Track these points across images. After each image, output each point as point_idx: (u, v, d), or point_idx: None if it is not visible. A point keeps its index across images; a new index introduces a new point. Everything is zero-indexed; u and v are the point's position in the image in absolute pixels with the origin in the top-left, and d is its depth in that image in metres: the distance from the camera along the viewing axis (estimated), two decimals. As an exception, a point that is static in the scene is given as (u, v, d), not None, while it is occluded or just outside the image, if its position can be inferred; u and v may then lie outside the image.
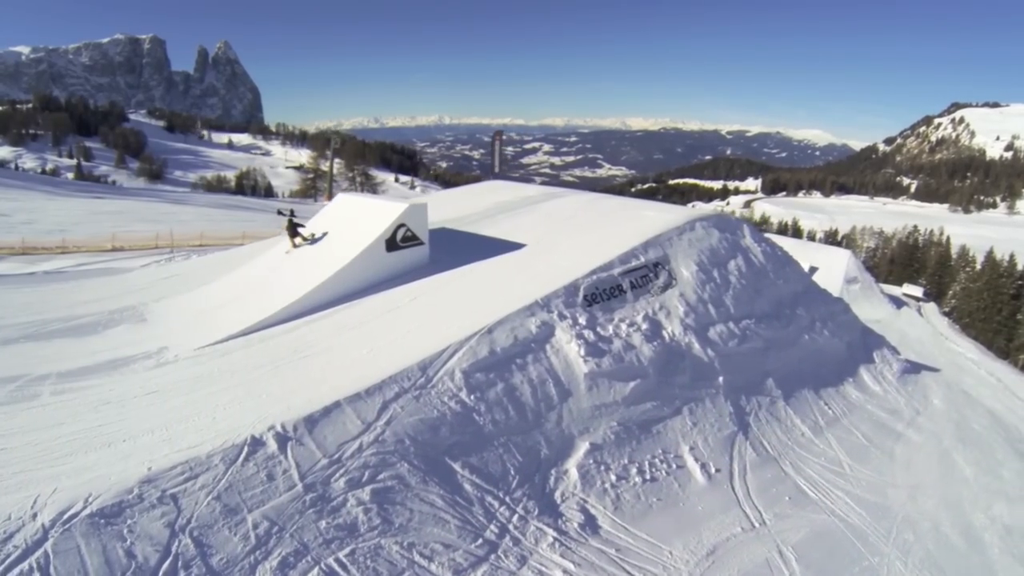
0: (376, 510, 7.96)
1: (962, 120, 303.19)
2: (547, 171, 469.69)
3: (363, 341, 11.83)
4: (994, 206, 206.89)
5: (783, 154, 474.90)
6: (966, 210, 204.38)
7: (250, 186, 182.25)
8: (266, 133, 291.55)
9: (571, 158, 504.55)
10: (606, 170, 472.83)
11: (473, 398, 10.36)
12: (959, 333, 60.12)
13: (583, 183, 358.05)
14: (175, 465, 7.52)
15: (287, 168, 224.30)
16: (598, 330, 12.87)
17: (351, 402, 9.25)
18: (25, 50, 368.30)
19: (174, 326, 13.47)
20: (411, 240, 15.35)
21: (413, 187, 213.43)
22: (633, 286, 14.52)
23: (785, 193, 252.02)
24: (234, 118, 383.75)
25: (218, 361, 11.35)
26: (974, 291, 66.37)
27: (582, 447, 10.95)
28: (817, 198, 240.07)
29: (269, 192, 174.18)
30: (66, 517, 6.58)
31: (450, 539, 8.18)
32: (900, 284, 77.69)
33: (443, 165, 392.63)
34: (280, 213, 18.26)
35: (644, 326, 13.50)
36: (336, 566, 7.15)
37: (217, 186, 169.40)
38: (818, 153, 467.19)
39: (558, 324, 12.53)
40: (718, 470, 11.85)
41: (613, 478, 10.75)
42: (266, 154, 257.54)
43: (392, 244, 14.99)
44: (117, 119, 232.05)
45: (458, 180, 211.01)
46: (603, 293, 13.87)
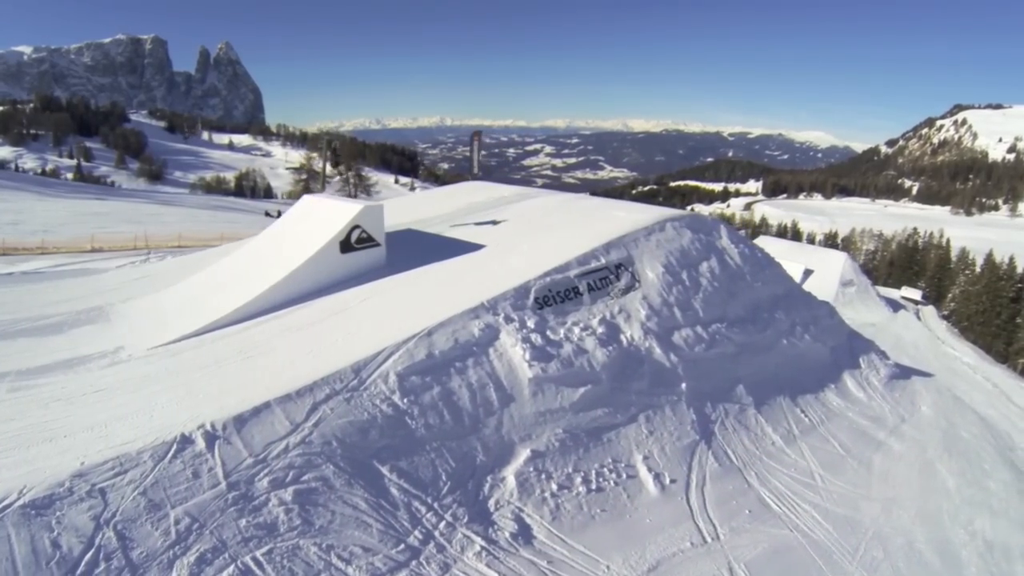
0: (297, 511, 7.91)
1: (964, 122, 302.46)
2: (548, 173, 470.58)
3: (306, 342, 11.58)
4: (996, 208, 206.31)
5: (785, 156, 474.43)
6: (968, 212, 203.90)
7: (249, 187, 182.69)
8: (267, 134, 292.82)
9: (573, 160, 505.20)
10: (608, 172, 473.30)
11: (406, 401, 9.98)
12: (957, 337, 59.50)
13: (584, 185, 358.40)
14: (106, 460, 7.60)
15: (287, 169, 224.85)
16: (547, 334, 12.28)
17: (281, 403, 9.05)
18: (27, 50, 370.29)
19: (134, 326, 13.28)
20: (367, 242, 14.95)
21: (413, 188, 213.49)
22: (591, 288, 13.86)
23: (786, 195, 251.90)
24: (235, 119, 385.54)
25: (167, 361, 11.20)
26: (973, 294, 65.83)
27: (522, 454, 10.47)
28: (818, 200, 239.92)
29: (268, 193, 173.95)
30: (0, 507, 6.75)
31: (371, 543, 8.00)
32: (899, 287, 77.07)
33: (445, 166, 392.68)
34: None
35: (600, 330, 12.86)
36: (252, 564, 7.17)
37: (216, 187, 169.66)
38: (820, 155, 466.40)
39: (503, 327, 12.02)
40: (673, 481, 11.20)
41: (554, 487, 10.21)
42: (266, 155, 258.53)
43: (347, 246, 14.60)
44: (118, 119, 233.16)
45: (458, 181, 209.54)
46: (556, 296, 13.25)
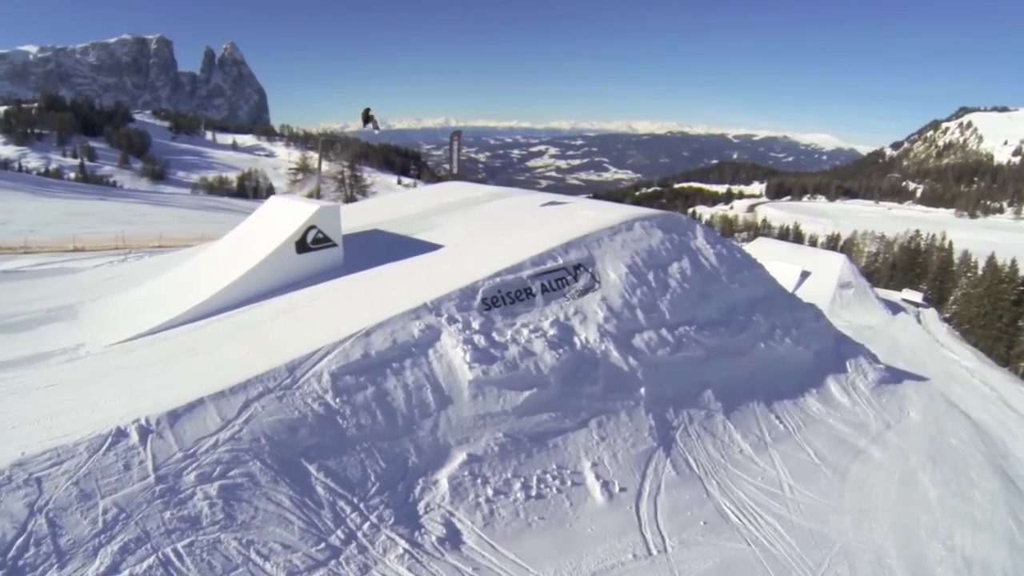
0: (221, 505, 7.98)
1: (970, 124, 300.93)
2: (553, 174, 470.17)
3: (251, 341, 11.43)
4: (1001, 211, 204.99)
5: (790, 158, 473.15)
6: (972, 215, 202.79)
7: (252, 187, 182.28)
8: (270, 134, 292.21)
9: (577, 161, 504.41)
10: (612, 173, 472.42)
11: (339, 401, 9.80)
12: (958, 340, 58.61)
13: (589, 187, 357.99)
14: (45, 451, 7.82)
15: (290, 170, 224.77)
16: (493, 335, 11.85)
17: (214, 399, 9.17)
18: (33, 49, 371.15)
19: (98, 324, 13.35)
20: (323, 242, 14.67)
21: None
22: (545, 289, 13.46)
23: (790, 197, 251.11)
24: (240, 119, 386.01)
25: (121, 358, 11.18)
26: (974, 297, 65.04)
27: (458, 458, 10.13)
28: (822, 202, 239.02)
29: (271, 193, 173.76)
30: (-58, 492, 7.16)
31: (291, 540, 8.05)
32: (901, 289, 76.32)
33: (447, 167, 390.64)
34: None
35: (551, 332, 12.40)
36: (173, 556, 7.28)
37: (218, 187, 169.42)
38: (825, 157, 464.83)
39: (445, 328, 11.64)
40: (623, 489, 10.72)
41: (490, 492, 9.84)
42: (270, 155, 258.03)
43: (303, 246, 14.34)
44: (122, 119, 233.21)
45: (464, 182, 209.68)
46: (506, 296, 12.82)
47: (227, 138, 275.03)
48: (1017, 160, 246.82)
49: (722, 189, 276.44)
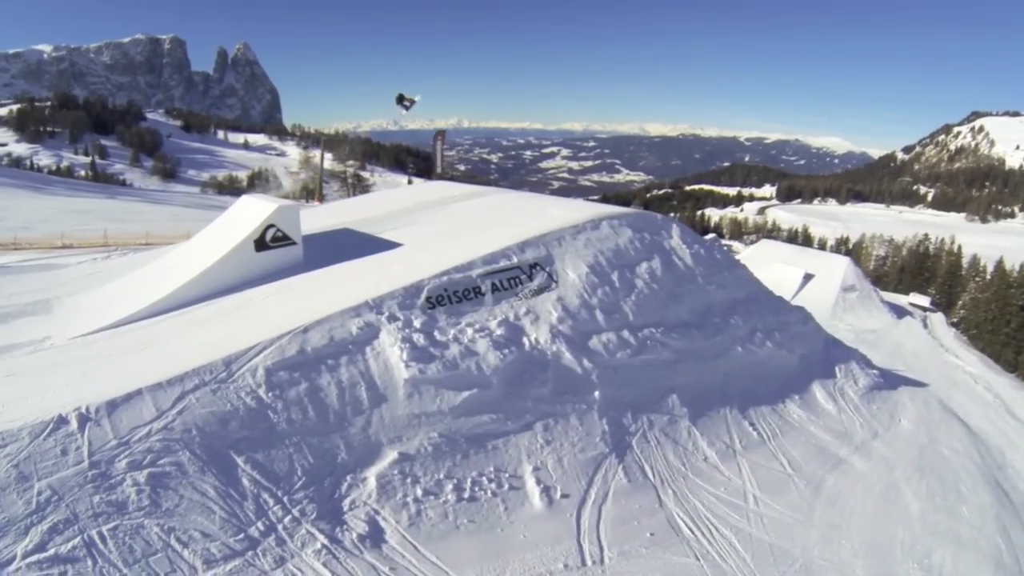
0: (148, 492, 8.18)
1: (982, 129, 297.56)
2: (565, 176, 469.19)
3: (200, 336, 11.65)
4: (1012, 216, 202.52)
5: (801, 161, 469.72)
6: (983, 219, 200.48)
7: (262, 186, 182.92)
8: (282, 134, 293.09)
9: (589, 163, 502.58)
10: (624, 175, 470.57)
11: (271, 396, 9.93)
12: (965, 345, 57.57)
13: (601, 188, 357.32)
14: None
15: (290, 171, 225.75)
16: (435, 334, 11.60)
17: (152, 390, 9.38)
18: (47, 48, 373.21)
19: (68, 318, 13.80)
20: (282, 240, 14.68)
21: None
22: (495, 288, 13.20)
23: (800, 200, 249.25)
24: (253, 119, 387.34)
25: (80, 350, 11.54)
26: (982, 301, 63.78)
27: (389, 456, 9.98)
28: (832, 205, 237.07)
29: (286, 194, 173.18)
30: None
31: (211, 529, 8.16)
32: (909, 293, 75.24)
33: (461, 168, 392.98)
34: None
35: (498, 332, 12.08)
36: (97, 538, 7.52)
37: (228, 186, 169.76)
38: (836, 161, 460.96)
39: (385, 326, 11.47)
40: (565, 495, 10.31)
41: (419, 492, 9.66)
42: (281, 154, 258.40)
43: (261, 244, 14.39)
44: (134, 118, 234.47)
45: (474, 183, 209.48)
46: (452, 295, 12.58)
47: (239, 137, 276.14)
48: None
49: (733, 191, 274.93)
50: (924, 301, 70.04)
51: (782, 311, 19.48)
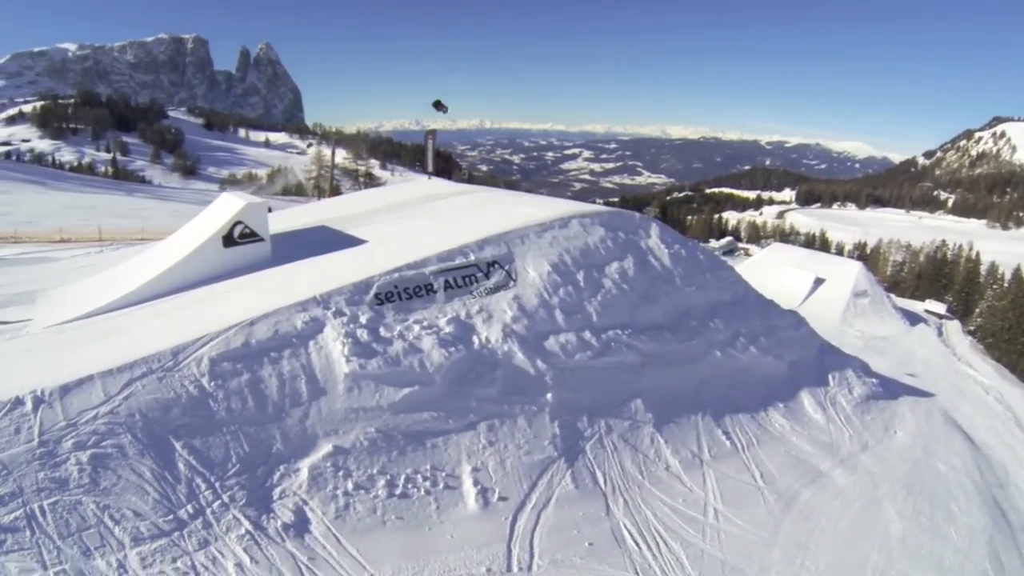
0: (89, 471, 8.62)
1: (1003, 134, 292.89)
2: (587, 177, 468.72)
3: (158, 326, 11.91)
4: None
5: (822, 166, 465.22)
6: (1004, 226, 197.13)
7: (281, 183, 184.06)
8: (303, 132, 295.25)
9: (611, 165, 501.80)
10: (645, 178, 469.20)
11: (213, 385, 10.22)
12: (980, 354, 56.07)
13: (622, 190, 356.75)
14: None
15: (306, 171, 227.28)
16: (380, 331, 11.50)
17: (102, 376, 9.77)
18: (72, 47, 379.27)
19: (49, 308, 14.24)
20: (250, 237, 14.78)
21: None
22: (448, 286, 13.03)
23: (820, 204, 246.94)
24: (275, 117, 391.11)
25: (53, 338, 12.01)
26: (999, 310, 62.34)
27: (323, 449, 10.07)
28: (852, 210, 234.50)
29: (299, 190, 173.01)
30: None
31: (143, 509, 8.52)
32: (925, 300, 73.74)
33: (483, 168, 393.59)
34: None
35: (447, 329, 11.87)
36: (38, 511, 8.02)
37: (247, 183, 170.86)
38: (858, 165, 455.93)
39: (330, 321, 11.53)
40: (503, 498, 10.05)
41: (350, 485, 9.70)
42: (302, 153, 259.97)
43: (229, 240, 14.57)
44: (156, 116, 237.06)
45: (495, 183, 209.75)
46: (403, 292, 12.43)
47: (260, 135, 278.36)
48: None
49: (753, 195, 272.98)
50: (940, 308, 68.39)
51: (771, 315, 18.90)
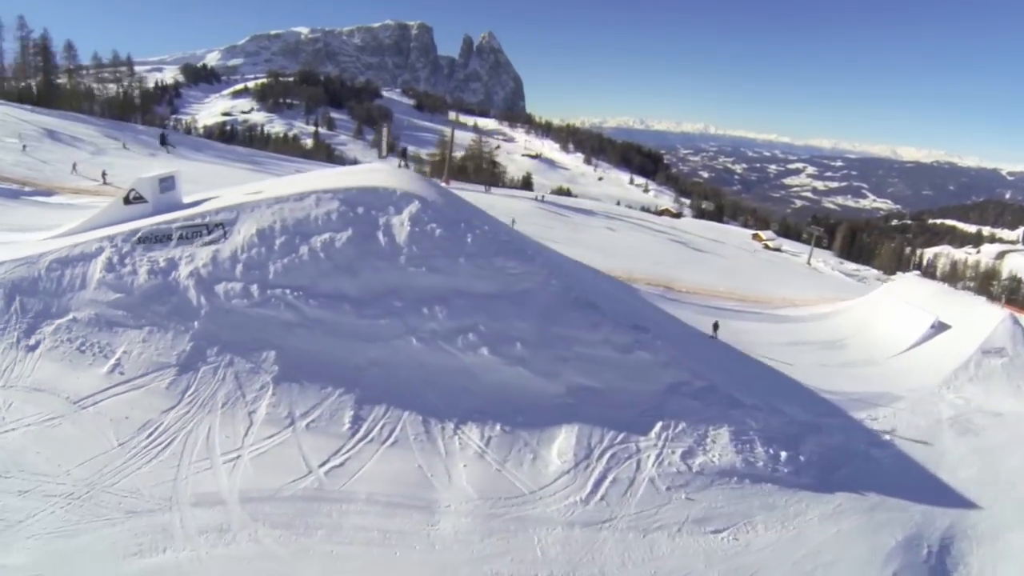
0: None
1: None
2: (808, 195, 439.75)
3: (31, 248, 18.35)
4: None
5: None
6: None
7: (474, 167, 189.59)
8: (512, 120, 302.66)
9: (835, 184, 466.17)
10: (870, 201, 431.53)
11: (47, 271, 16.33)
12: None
13: (844, 212, 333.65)
14: None
15: (523, 156, 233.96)
16: (126, 259, 16.45)
17: None
18: (304, 30, 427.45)
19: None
20: (138, 199, 19.77)
21: (647, 190, 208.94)
22: (181, 237, 16.74)
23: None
24: (496, 105, 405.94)
25: None
26: None
27: (69, 316, 15.48)
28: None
29: (494, 176, 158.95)
30: None
31: None
32: None
33: (704, 175, 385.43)
34: None
35: (161, 263, 16.24)
36: None
37: (418, 162, 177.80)
38: None
39: (107, 249, 16.68)
40: (142, 375, 14.46)
41: (77, 342, 15.09)
42: (509, 140, 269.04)
43: (127, 201, 19.72)
44: (370, 95, 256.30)
45: (712, 194, 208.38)
46: (153, 236, 16.92)
47: (471, 120, 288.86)
48: None
49: (973, 229, 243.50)
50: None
51: (587, 327, 17.14)
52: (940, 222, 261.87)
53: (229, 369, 14.16)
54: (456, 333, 15.98)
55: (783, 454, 15.96)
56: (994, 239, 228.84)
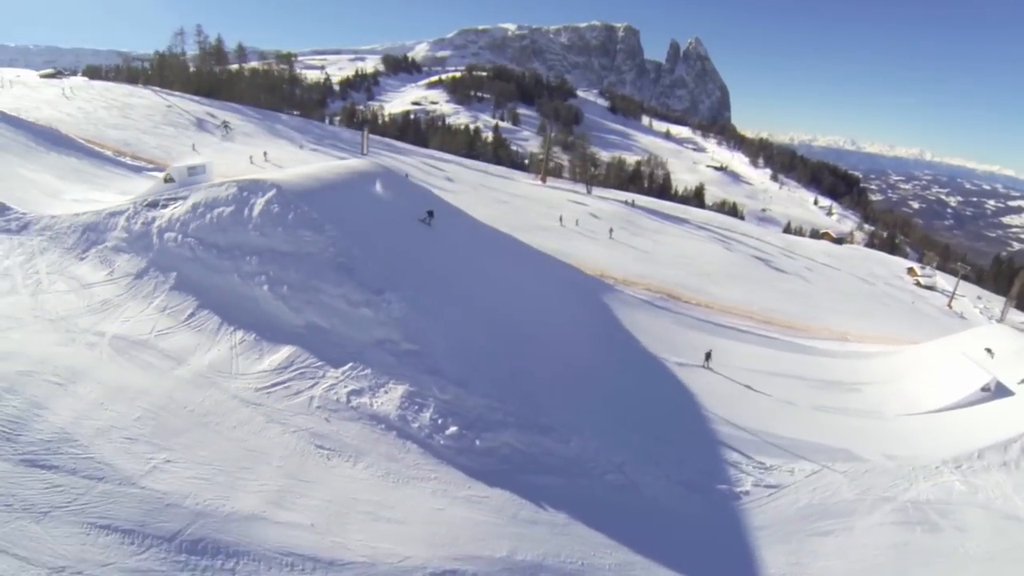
0: None
1: None
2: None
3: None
4: None
5: None
6: None
7: (646, 174, 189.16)
8: (706, 130, 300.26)
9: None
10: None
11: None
12: None
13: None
14: None
15: (708, 167, 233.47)
16: (137, 215, 26.69)
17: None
18: (511, 27, 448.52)
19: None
20: (170, 180, 33.26)
21: (830, 213, 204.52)
22: (163, 205, 26.73)
23: None
24: (701, 113, 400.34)
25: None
26: None
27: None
28: None
29: (665, 186, 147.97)
30: None
31: None
32: None
33: (914, 205, 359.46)
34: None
35: (148, 218, 26.24)
36: None
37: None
38: None
39: (130, 208, 27.25)
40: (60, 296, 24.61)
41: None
42: (698, 150, 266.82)
43: (165, 180, 32.74)
44: (564, 95, 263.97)
45: (901, 224, 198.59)
46: (152, 203, 27.00)
47: (664, 126, 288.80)
48: None
49: None
50: None
51: (333, 283, 23.51)
52: None
53: (156, 279, 23.97)
54: (258, 274, 23.61)
55: (452, 429, 19.43)
56: None
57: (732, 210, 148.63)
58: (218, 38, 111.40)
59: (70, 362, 19.53)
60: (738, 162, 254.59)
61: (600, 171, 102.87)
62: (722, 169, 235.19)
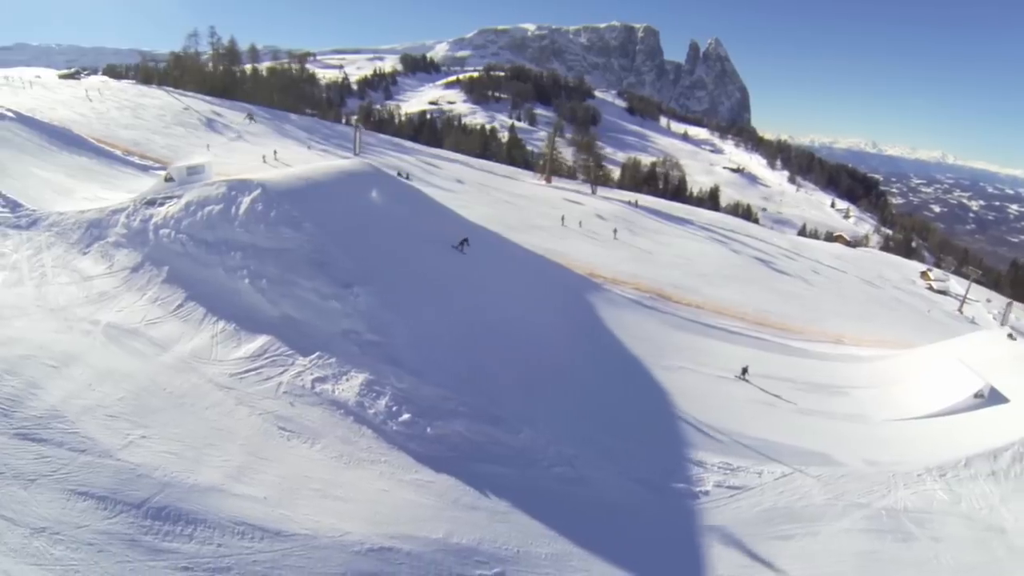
0: None
1: None
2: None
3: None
4: None
5: None
6: None
7: (661, 175, 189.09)
8: (723, 131, 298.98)
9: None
10: None
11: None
12: None
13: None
14: None
15: (724, 168, 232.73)
16: (136, 212, 28.52)
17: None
18: (531, 27, 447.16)
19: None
20: (170, 180, 33.55)
21: (847, 216, 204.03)
22: (160, 203, 28.58)
23: None
24: (721, 114, 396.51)
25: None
26: None
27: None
28: None
29: (680, 188, 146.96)
30: None
31: None
32: None
33: (936, 209, 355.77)
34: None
35: (146, 215, 28.07)
36: None
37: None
38: None
39: (131, 205, 29.05)
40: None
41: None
42: (716, 151, 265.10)
43: (166, 179, 33.49)
44: (581, 95, 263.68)
45: (919, 227, 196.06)
46: (151, 201, 28.97)
47: (682, 128, 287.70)
48: None
49: None
50: None
51: (306, 277, 24.96)
52: None
53: (150, 273, 25.84)
54: (240, 268, 25.27)
55: (406, 416, 20.38)
56: None
57: (746, 212, 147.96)
58: (231, 39, 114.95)
59: (66, 348, 21.56)
60: (756, 164, 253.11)
61: (607, 171, 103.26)
62: (739, 171, 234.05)
